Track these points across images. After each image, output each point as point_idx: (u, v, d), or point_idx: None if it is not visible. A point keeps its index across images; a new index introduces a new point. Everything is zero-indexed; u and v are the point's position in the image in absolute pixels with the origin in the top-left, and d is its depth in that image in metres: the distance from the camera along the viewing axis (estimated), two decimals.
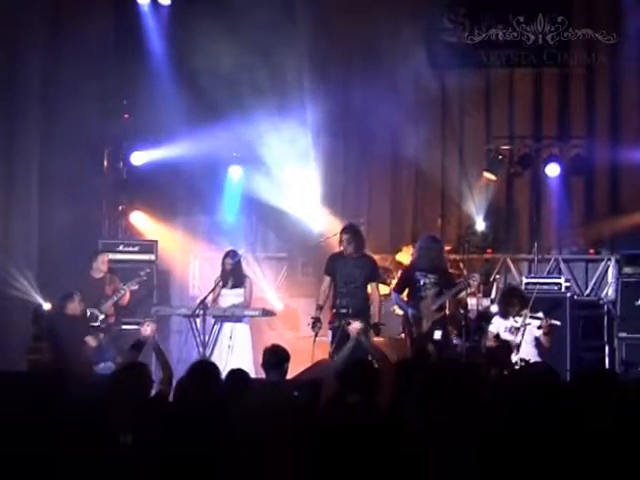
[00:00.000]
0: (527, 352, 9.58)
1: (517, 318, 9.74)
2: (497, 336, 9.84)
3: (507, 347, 9.68)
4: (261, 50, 12.74)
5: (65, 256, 11.74)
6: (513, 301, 9.87)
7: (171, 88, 12.91)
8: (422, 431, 5.16)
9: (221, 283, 10.63)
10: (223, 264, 10.69)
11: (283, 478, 5.14)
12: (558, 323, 9.92)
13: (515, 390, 5.50)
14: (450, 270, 11.43)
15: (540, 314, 9.81)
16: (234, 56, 12.58)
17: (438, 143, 13.52)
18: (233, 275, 10.67)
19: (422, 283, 10.18)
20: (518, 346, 9.63)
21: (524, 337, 9.65)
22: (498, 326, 9.88)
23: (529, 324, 9.69)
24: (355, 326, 8.38)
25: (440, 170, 13.50)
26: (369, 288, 10.09)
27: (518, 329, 9.70)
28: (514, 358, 9.50)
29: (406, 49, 12.90)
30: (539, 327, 9.67)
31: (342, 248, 10.08)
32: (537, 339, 9.73)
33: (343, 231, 10.18)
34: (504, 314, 9.87)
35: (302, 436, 5.23)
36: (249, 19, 12.84)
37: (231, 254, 10.74)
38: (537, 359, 9.43)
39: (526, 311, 9.73)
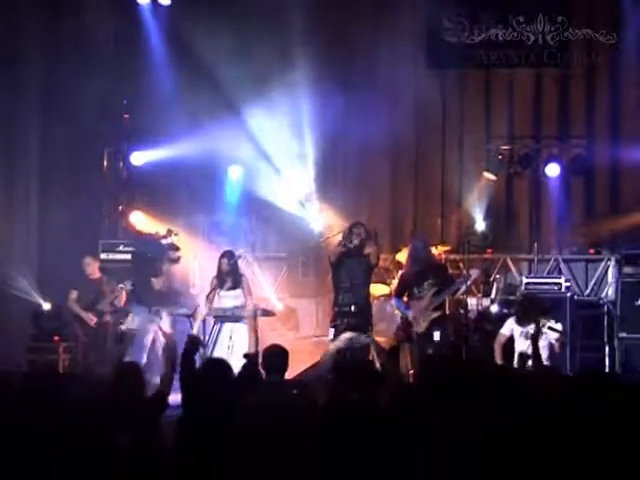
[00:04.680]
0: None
1: (534, 326, 9.68)
2: (510, 338, 9.81)
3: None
4: (261, 51, 12.74)
5: (65, 256, 11.74)
6: (532, 312, 9.79)
7: (171, 88, 12.91)
8: (423, 429, 5.16)
9: (217, 285, 10.58)
10: (219, 264, 10.62)
11: (284, 477, 5.14)
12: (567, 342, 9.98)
13: (519, 390, 5.51)
14: (450, 271, 11.43)
15: (559, 326, 9.78)
16: (234, 56, 12.59)
17: (438, 143, 13.53)
18: (230, 276, 10.62)
19: (420, 285, 10.16)
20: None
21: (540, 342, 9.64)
22: (512, 329, 9.84)
23: (546, 334, 9.66)
24: None
25: (440, 170, 13.51)
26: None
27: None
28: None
29: (406, 49, 12.90)
30: (557, 339, 9.66)
31: (346, 243, 10.02)
32: (551, 345, 9.71)
33: (355, 225, 10.15)
34: (520, 322, 9.80)
35: (303, 435, 5.23)
36: (249, 19, 12.86)
37: (228, 254, 10.68)
38: (546, 362, 9.47)
39: (545, 321, 9.68)
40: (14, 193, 12.22)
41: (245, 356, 7.18)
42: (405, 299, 10.32)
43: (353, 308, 9.84)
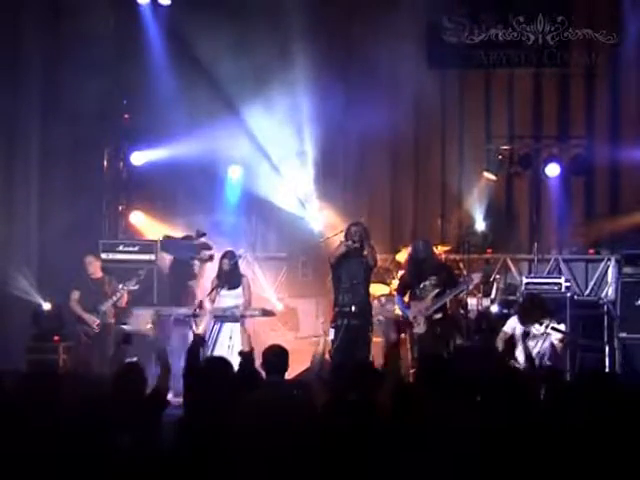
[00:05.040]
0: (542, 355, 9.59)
1: (537, 326, 9.66)
2: (512, 337, 9.79)
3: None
4: (261, 51, 12.75)
5: (65, 256, 11.73)
6: (535, 312, 9.76)
7: (171, 88, 12.92)
8: (423, 429, 5.17)
9: (218, 284, 10.59)
10: (221, 264, 10.65)
11: (285, 476, 5.15)
12: (582, 341, 9.91)
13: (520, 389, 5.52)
14: (454, 271, 11.44)
15: (563, 327, 9.76)
16: (234, 56, 12.60)
17: (438, 143, 13.53)
18: (231, 276, 10.63)
19: (422, 286, 10.17)
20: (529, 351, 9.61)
21: (540, 343, 9.62)
22: (514, 327, 9.82)
23: (550, 334, 9.63)
24: None
25: (440, 170, 13.52)
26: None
27: (536, 336, 9.65)
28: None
29: (406, 49, 12.90)
30: (561, 340, 9.64)
31: (346, 243, 10.00)
32: (552, 345, 9.69)
33: (353, 225, 10.14)
34: (523, 322, 9.76)
35: (303, 435, 5.24)
36: (249, 19, 12.87)
37: (229, 255, 10.70)
38: (548, 362, 9.46)
39: (548, 321, 9.65)
40: (14, 193, 12.21)
41: (240, 354, 7.18)
42: (406, 299, 10.33)
43: (353, 308, 9.85)
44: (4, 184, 12.09)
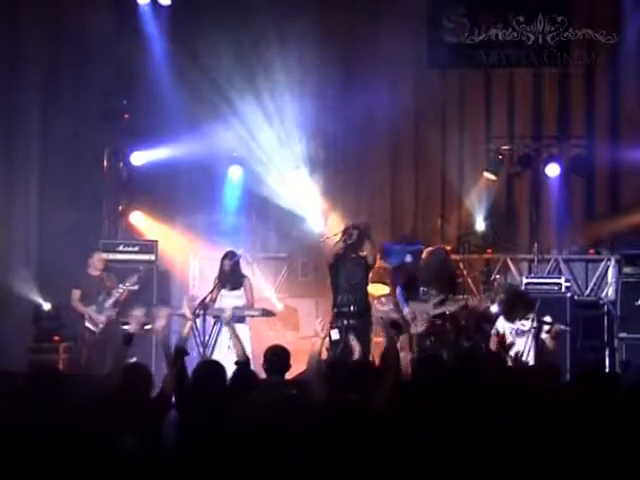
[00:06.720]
0: (531, 353, 9.57)
1: (524, 322, 9.65)
2: (501, 335, 9.77)
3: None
4: (261, 50, 12.76)
5: (65, 256, 11.73)
6: (518, 306, 9.77)
7: (171, 88, 12.92)
8: (423, 429, 5.17)
9: (219, 284, 10.59)
10: (222, 265, 10.65)
11: (284, 477, 5.15)
12: (568, 328, 9.88)
13: (519, 389, 5.52)
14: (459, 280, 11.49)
15: (549, 318, 9.74)
16: (234, 56, 12.60)
17: (438, 143, 13.53)
18: (232, 276, 10.63)
19: (427, 289, 10.20)
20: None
21: (529, 339, 9.61)
22: (503, 326, 9.81)
23: (537, 329, 9.61)
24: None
25: (440, 170, 13.51)
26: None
27: (524, 332, 9.64)
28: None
29: (406, 49, 12.91)
30: (547, 332, 9.61)
31: (342, 244, 10.03)
32: (541, 340, 9.65)
33: (349, 227, 10.15)
34: (509, 319, 9.75)
35: (302, 435, 5.24)
36: (249, 19, 12.87)
37: (230, 255, 10.70)
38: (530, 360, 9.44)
39: (533, 315, 9.64)
40: (14, 193, 12.22)
41: (236, 363, 7.16)
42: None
43: (352, 308, 9.85)
44: (4, 184, 12.10)
